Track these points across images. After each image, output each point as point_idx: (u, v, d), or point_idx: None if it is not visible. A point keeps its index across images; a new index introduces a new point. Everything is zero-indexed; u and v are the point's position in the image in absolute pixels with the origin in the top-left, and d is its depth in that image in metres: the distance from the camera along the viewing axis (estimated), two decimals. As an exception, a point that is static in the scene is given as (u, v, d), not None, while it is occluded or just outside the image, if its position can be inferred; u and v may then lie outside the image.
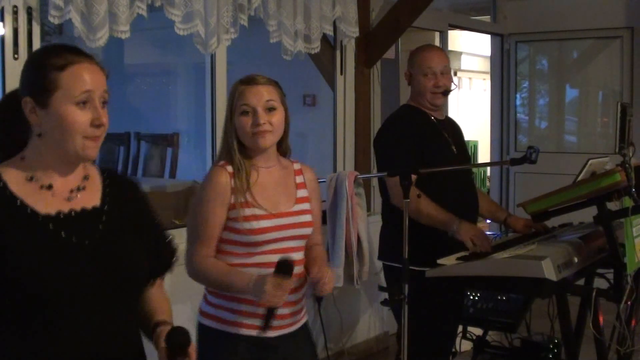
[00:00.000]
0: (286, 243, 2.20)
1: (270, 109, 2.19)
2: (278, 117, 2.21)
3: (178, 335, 1.53)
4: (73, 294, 1.44)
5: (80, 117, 1.47)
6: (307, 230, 2.26)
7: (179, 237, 3.34)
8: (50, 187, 1.51)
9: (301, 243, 2.25)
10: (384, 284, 3.24)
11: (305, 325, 2.32)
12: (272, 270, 2.04)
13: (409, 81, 3.10)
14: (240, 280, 2.12)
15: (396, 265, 2.94)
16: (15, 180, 1.49)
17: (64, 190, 1.53)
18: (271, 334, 2.16)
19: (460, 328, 3.51)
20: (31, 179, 1.50)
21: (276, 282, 2.00)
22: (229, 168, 2.18)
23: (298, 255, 2.22)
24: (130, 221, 1.60)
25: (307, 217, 2.26)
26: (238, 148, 2.20)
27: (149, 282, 1.65)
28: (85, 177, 1.57)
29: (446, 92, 3.03)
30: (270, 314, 2.06)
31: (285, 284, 2.01)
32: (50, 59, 1.49)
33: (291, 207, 2.24)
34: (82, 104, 1.48)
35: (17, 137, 1.53)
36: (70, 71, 1.48)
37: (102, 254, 1.50)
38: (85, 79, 1.49)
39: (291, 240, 2.21)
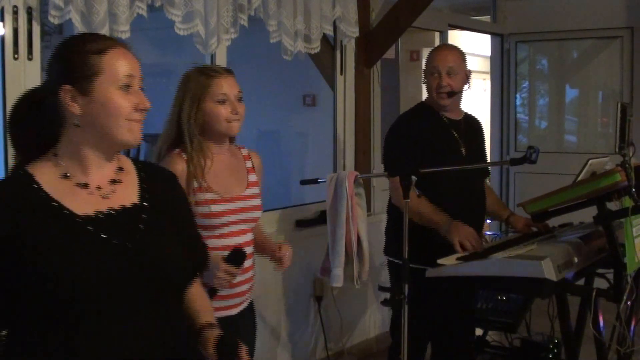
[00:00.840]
0: (239, 226, 2.32)
1: (240, 99, 2.34)
2: (244, 107, 2.36)
3: (228, 346, 1.58)
4: (117, 297, 1.38)
5: (125, 101, 1.45)
6: (258, 214, 2.40)
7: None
8: (86, 185, 1.46)
9: (251, 225, 2.38)
10: (384, 283, 3.25)
11: (252, 302, 2.48)
12: (225, 253, 2.12)
13: (424, 80, 3.10)
14: None
15: (398, 261, 2.98)
16: (49, 179, 1.44)
17: (101, 186, 1.48)
18: (234, 311, 2.34)
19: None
20: (65, 176, 1.45)
21: (227, 270, 2.09)
22: (184, 155, 2.27)
23: (248, 237, 2.36)
24: (169, 217, 1.55)
25: (257, 201, 2.40)
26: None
27: (190, 282, 1.61)
28: (120, 169, 1.53)
29: (451, 93, 3.01)
30: (212, 294, 2.15)
31: (234, 272, 2.12)
32: (88, 44, 1.45)
33: (243, 191, 2.36)
34: (125, 87, 1.45)
35: (37, 137, 1.48)
36: (110, 55, 1.45)
37: (144, 255, 1.44)
38: (127, 62, 1.46)
39: (243, 223, 2.34)
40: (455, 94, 3.02)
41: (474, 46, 10.18)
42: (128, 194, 1.51)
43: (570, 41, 6.01)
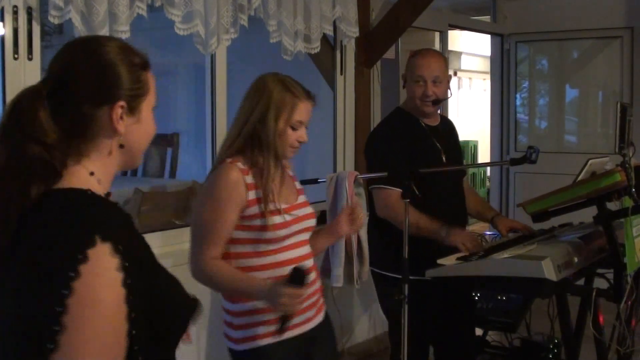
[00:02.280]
0: (300, 237, 2.24)
1: (306, 125, 2.27)
2: None
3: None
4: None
5: (154, 126, 1.33)
6: (313, 222, 2.31)
7: (181, 237, 3.36)
8: None
9: (308, 236, 2.30)
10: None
11: (327, 312, 2.38)
12: (287, 268, 2.03)
13: (404, 84, 3.08)
14: (252, 286, 2.09)
15: (379, 271, 3.04)
16: None
17: None
18: (310, 325, 2.24)
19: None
20: None
21: (291, 293, 1.97)
22: (240, 165, 2.16)
23: (307, 249, 2.28)
24: None
25: (310, 209, 2.32)
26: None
27: None
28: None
29: (436, 101, 2.98)
30: (286, 320, 2.04)
31: (299, 292, 1.98)
32: (134, 56, 1.30)
33: (296, 199, 2.29)
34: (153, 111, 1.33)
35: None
36: (149, 73, 1.31)
37: None
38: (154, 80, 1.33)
39: (303, 233, 2.26)
40: (441, 102, 3.01)
41: (474, 46, 10.20)
42: None
43: (570, 41, 6.01)
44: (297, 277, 1.97)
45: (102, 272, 1.11)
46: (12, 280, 1.16)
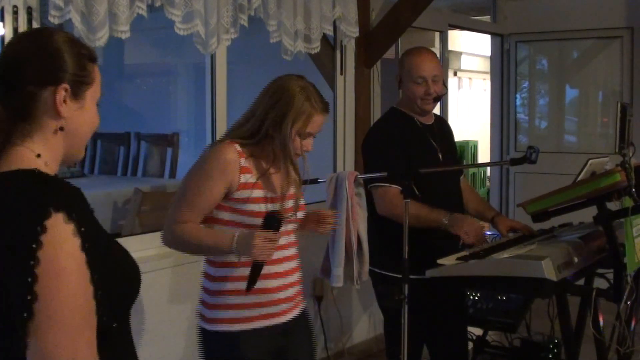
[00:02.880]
0: (287, 226, 2.23)
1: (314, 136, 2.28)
2: None
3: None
4: None
5: (97, 118, 1.39)
6: (303, 213, 2.33)
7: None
8: None
9: (296, 226, 2.31)
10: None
11: (305, 308, 2.37)
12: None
13: (398, 85, 3.07)
14: (223, 238, 2.08)
15: (379, 271, 3.04)
16: None
17: None
18: (285, 318, 2.23)
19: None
20: None
21: (265, 236, 1.99)
22: (238, 147, 2.17)
23: (292, 238, 2.29)
24: None
25: (302, 200, 2.33)
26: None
27: None
28: None
29: (437, 98, 3.01)
30: (257, 270, 2.04)
31: (274, 237, 2.01)
32: (80, 48, 1.35)
33: (289, 189, 2.29)
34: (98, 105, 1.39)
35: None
36: (96, 66, 1.37)
37: None
38: (100, 77, 1.39)
39: (290, 223, 2.26)
40: (440, 98, 3.04)
41: (474, 46, 10.19)
42: None
43: (570, 41, 6.01)
44: (272, 221, 2.00)
45: (62, 239, 1.19)
46: None
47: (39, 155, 1.30)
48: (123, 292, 1.34)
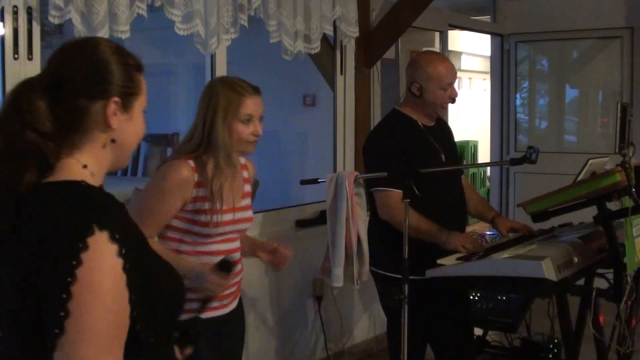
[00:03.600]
0: (233, 234, 2.38)
1: (261, 119, 2.37)
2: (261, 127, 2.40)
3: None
4: None
5: (144, 127, 1.38)
6: (248, 225, 2.45)
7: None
8: None
9: (240, 233, 2.45)
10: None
11: (240, 300, 2.52)
12: (215, 258, 2.20)
13: (419, 93, 2.99)
14: (181, 267, 2.15)
15: (379, 271, 3.04)
16: None
17: None
18: (225, 310, 2.39)
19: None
20: None
21: (217, 281, 2.14)
22: (191, 162, 2.28)
23: (237, 244, 2.42)
24: None
25: (250, 213, 2.44)
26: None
27: None
28: None
29: (454, 99, 3.07)
30: (206, 302, 2.19)
31: (225, 282, 2.17)
32: (128, 58, 1.34)
33: (240, 201, 2.39)
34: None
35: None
36: (142, 75, 1.36)
37: None
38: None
39: (235, 233, 2.40)
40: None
41: (474, 46, 10.19)
42: None
43: (570, 41, 6.01)
44: (225, 266, 2.14)
45: (102, 258, 1.17)
46: (11, 270, 1.21)
47: (85, 166, 1.29)
48: (163, 310, 1.33)
